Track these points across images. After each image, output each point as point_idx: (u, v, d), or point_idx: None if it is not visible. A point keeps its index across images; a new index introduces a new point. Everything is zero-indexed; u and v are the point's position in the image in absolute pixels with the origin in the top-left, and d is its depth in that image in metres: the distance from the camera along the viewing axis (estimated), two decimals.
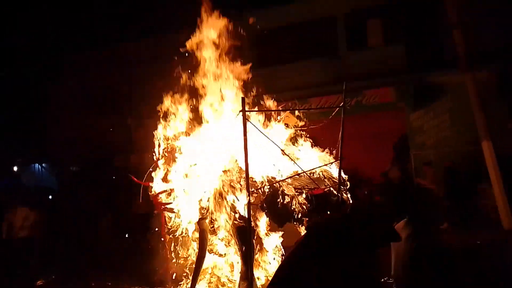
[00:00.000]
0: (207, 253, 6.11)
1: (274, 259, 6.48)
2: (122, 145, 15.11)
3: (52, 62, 17.17)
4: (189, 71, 7.32)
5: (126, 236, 11.11)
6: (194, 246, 6.46)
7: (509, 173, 9.88)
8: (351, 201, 6.73)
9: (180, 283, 6.67)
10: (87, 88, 17.09)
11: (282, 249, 6.54)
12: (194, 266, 5.98)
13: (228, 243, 6.19)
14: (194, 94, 7.20)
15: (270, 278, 6.35)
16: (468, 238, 9.00)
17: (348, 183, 6.55)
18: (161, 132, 7.09)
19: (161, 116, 7.22)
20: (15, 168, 18.63)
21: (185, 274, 6.59)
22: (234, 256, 6.20)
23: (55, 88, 17.42)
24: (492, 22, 11.49)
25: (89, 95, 17.10)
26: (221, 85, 7.09)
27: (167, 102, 7.25)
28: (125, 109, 15.31)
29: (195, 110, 7.19)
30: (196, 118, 7.15)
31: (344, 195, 6.67)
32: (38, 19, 17.09)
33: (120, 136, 14.96)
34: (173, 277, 6.78)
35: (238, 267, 5.96)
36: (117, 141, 15.01)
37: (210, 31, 7.14)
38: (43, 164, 18.84)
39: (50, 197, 15.15)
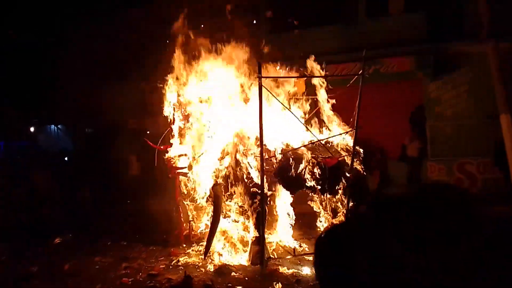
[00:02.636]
0: (221, 217, 6.21)
1: (285, 225, 6.58)
2: (136, 108, 15.19)
3: (66, 25, 17.05)
4: (203, 35, 7.20)
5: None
6: (209, 210, 6.56)
7: None
8: (363, 171, 6.73)
9: (193, 244, 6.83)
10: (101, 51, 17.00)
11: (294, 215, 6.62)
12: (208, 229, 6.10)
13: (242, 208, 6.26)
14: (209, 60, 7.11)
15: (281, 244, 6.49)
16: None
17: (362, 153, 6.52)
18: (175, 97, 7.06)
19: (175, 81, 7.18)
20: (32, 129, 18.94)
21: (199, 236, 6.74)
22: (247, 221, 6.29)
23: (70, 51, 17.35)
24: None
25: (103, 58, 17.03)
26: (236, 50, 6.98)
27: (180, 67, 7.18)
28: (139, 72, 15.24)
29: (209, 76, 7.12)
30: (211, 84, 7.08)
31: (357, 165, 6.68)
32: None
33: (134, 99, 15.01)
34: (187, 239, 6.94)
35: (251, 231, 6.06)
36: (131, 105, 15.08)
37: None
38: (59, 126, 19.09)
39: (66, 158, 15.42)
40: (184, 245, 6.82)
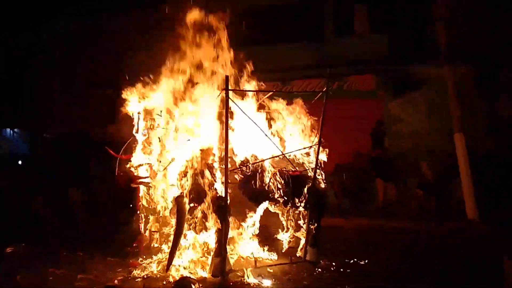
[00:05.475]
0: (184, 229, 6.14)
1: (249, 237, 6.59)
2: (100, 116, 14.85)
3: (31, 30, 16.54)
4: (171, 46, 7.18)
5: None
6: (172, 222, 6.47)
7: (480, 168, 10.21)
8: (324, 184, 6.88)
9: (153, 256, 6.70)
10: (67, 58, 16.59)
11: (256, 227, 6.66)
12: (171, 242, 6.00)
13: (205, 220, 6.21)
14: (176, 70, 7.08)
15: (242, 255, 6.49)
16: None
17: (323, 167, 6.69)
18: (141, 106, 6.98)
19: (142, 89, 7.10)
20: None
21: (160, 248, 6.62)
22: (209, 233, 6.25)
23: (35, 57, 16.81)
24: (476, 18, 11.68)
25: (69, 65, 16.62)
26: (204, 63, 6.99)
27: (148, 76, 7.12)
28: (106, 80, 14.95)
29: (176, 86, 7.08)
30: (178, 94, 7.05)
31: (319, 177, 6.82)
32: None
33: (99, 107, 14.69)
34: (147, 249, 6.80)
35: (212, 243, 6.04)
36: (96, 112, 14.74)
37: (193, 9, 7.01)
38: (15, 130, 18.33)
39: (20, 162, 14.80)
40: (144, 257, 6.68)
